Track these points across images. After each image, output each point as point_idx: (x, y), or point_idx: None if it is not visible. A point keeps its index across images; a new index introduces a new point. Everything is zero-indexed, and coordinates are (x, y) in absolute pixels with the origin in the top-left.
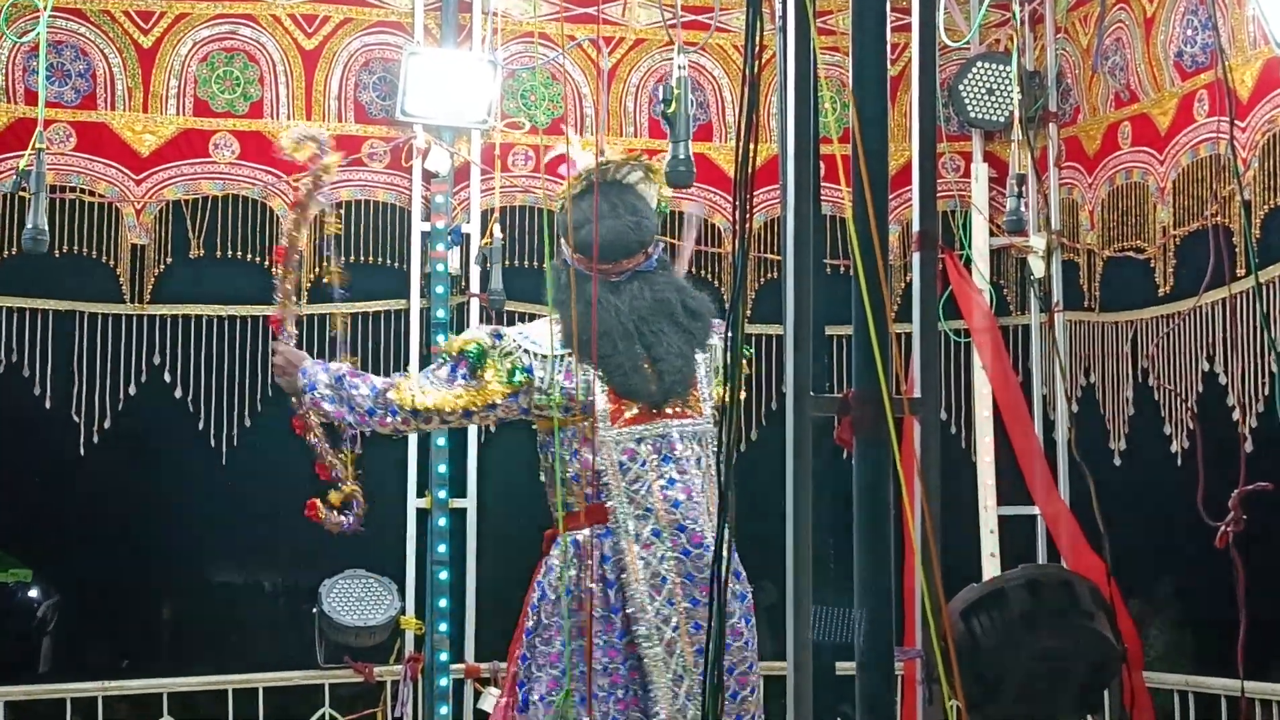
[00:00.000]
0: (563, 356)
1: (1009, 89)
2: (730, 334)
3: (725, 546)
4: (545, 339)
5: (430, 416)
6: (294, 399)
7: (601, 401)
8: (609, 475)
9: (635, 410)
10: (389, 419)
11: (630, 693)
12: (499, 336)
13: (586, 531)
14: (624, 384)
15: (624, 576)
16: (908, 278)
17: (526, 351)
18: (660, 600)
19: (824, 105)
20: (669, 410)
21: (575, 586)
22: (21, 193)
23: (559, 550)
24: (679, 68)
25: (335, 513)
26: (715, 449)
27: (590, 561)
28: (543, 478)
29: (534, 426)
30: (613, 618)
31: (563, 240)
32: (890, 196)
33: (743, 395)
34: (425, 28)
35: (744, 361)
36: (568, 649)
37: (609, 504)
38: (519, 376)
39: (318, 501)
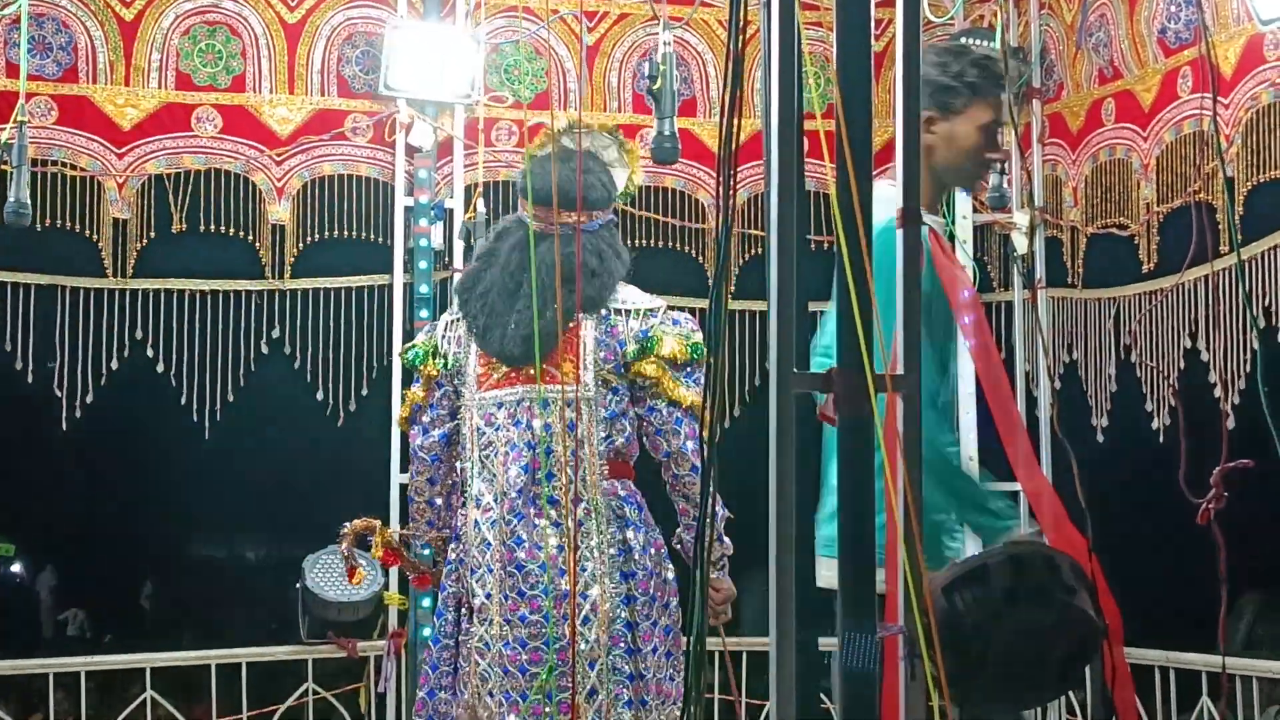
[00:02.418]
0: (459, 319)
1: None
2: (713, 309)
3: (709, 524)
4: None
5: (412, 426)
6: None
7: (473, 364)
8: (467, 441)
9: (500, 373)
10: (415, 465)
11: None
12: (432, 330)
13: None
14: (482, 341)
15: (463, 542)
16: None
17: (443, 321)
18: (482, 567)
19: (808, 81)
20: (531, 373)
21: (454, 558)
22: (3, 166)
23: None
24: (664, 44)
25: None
26: (607, 416)
27: (458, 534)
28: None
29: None
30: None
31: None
32: (874, 172)
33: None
34: (408, 2)
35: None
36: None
37: (462, 467)
38: (433, 347)
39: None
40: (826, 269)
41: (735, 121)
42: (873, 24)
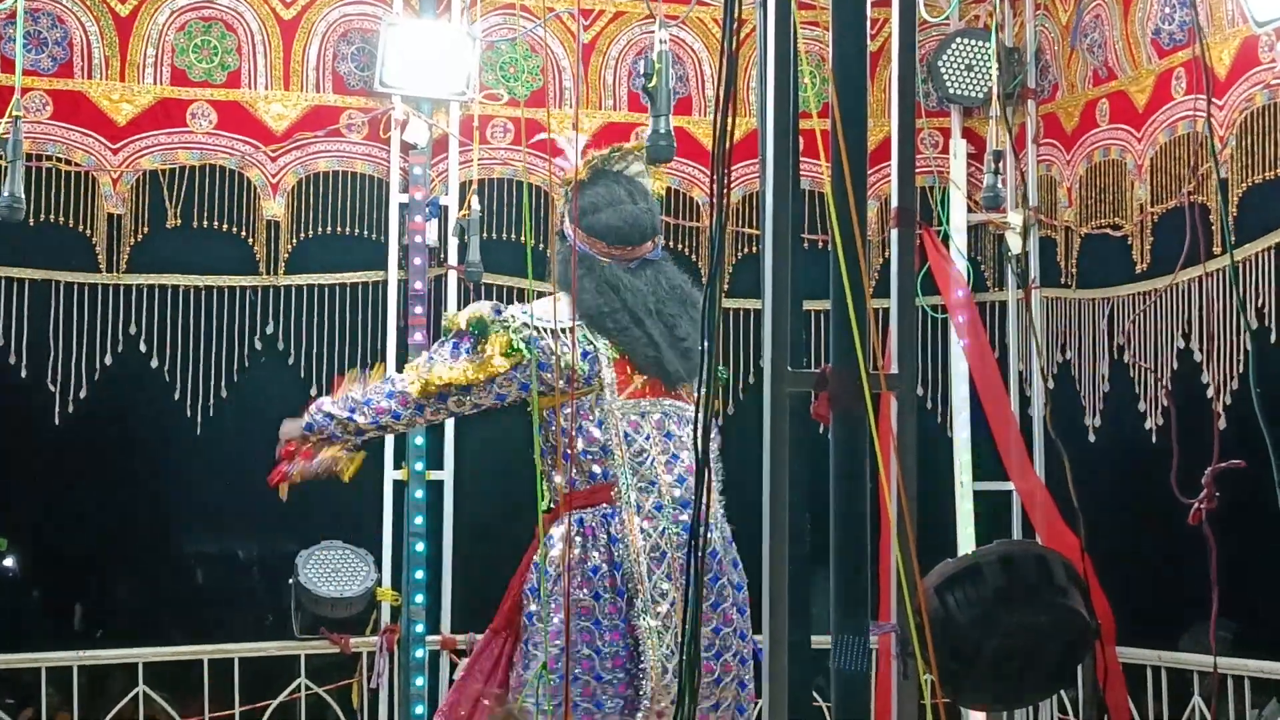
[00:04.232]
0: (569, 329)
1: (988, 65)
2: (707, 308)
3: (702, 523)
4: (549, 314)
5: (434, 392)
6: (279, 450)
7: (608, 374)
8: (614, 445)
9: (639, 384)
10: (393, 403)
11: (629, 674)
12: (498, 312)
13: (591, 510)
14: (645, 358)
15: (623, 550)
16: (886, 253)
17: (529, 325)
18: (659, 574)
19: (803, 80)
20: (676, 391)
21: (578, 565)
22: None
23: (560, 529)
24: (660, 41)
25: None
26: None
27: (595, 539)
28: (537, 457)
29: (527, 410)
30: (618, 600)
31: (567, 224)
32: (869, 172)
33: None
34: None
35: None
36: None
37: (613, 474)
38: (519, 348)
39: (284, 466)
40: (821, 268)
41: (730, 120)
42: (868, 23)
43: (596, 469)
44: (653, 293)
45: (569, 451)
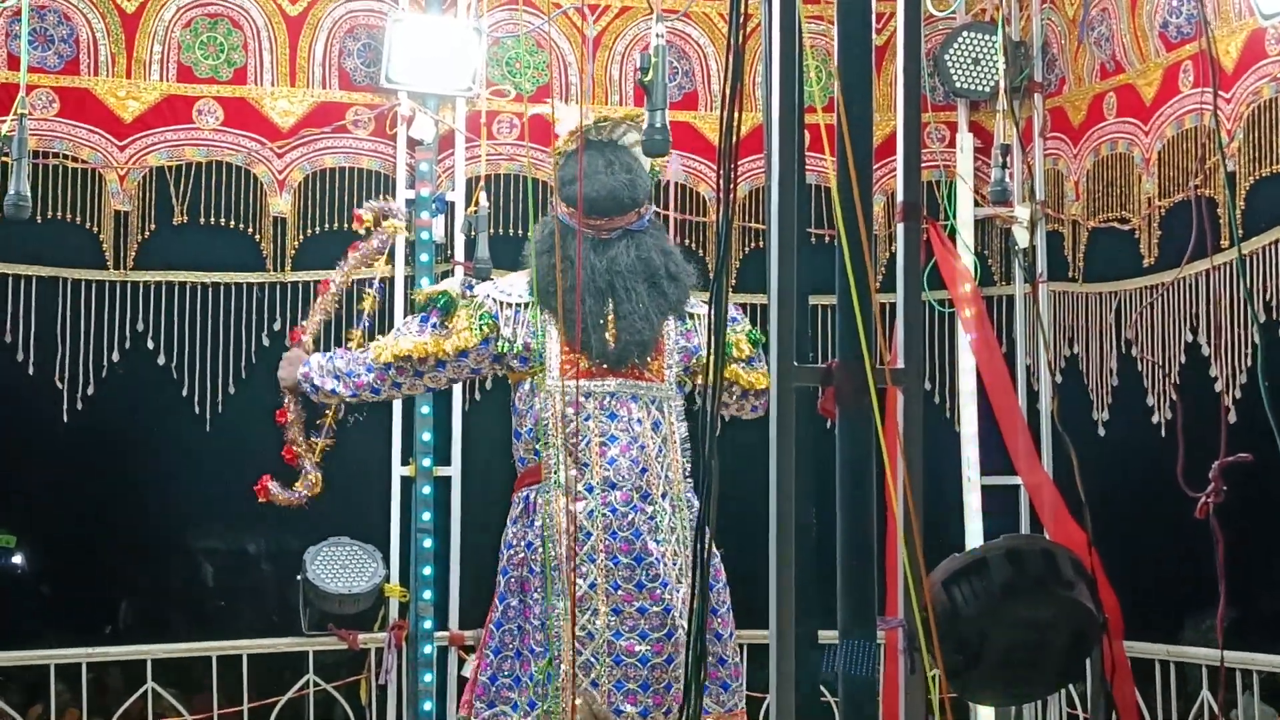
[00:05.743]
0: (527, 305)
1: (995, 59)
2: (714, 302)
3: (708, 515)
4: (515, 288)
5: (405, 366)
6: (283, 393)
7: (554, 351)
8: (550, 425)
9: (586, 364)
10: (372, 377)
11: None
12: (469, 288)
13: (532, 489)
14: (580, 339)
15: (550, 528)
16: (892, 248)
17: (493, 300)
18: (581, 554)
19: (809, 74)
20: (624, 370)
21: (519, 541)
22: (3, 158)
23: (515, 509)
24: (656, 35)
25: (286, 490)
26: (682, 416)
27: (533, 518)
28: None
29: (510, 383)
30: (544, 578)
31: (554, 194)
32: (875, 166)
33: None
34: None
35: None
36: (551, 602)
37: (543, 454)
38: (486, 322)
39: (269, 483)
40: (827, 263)
41: (736, 115)
42: (874, 18)
43: (538, 447)
44: (609, 269)
45: (517, 430)
